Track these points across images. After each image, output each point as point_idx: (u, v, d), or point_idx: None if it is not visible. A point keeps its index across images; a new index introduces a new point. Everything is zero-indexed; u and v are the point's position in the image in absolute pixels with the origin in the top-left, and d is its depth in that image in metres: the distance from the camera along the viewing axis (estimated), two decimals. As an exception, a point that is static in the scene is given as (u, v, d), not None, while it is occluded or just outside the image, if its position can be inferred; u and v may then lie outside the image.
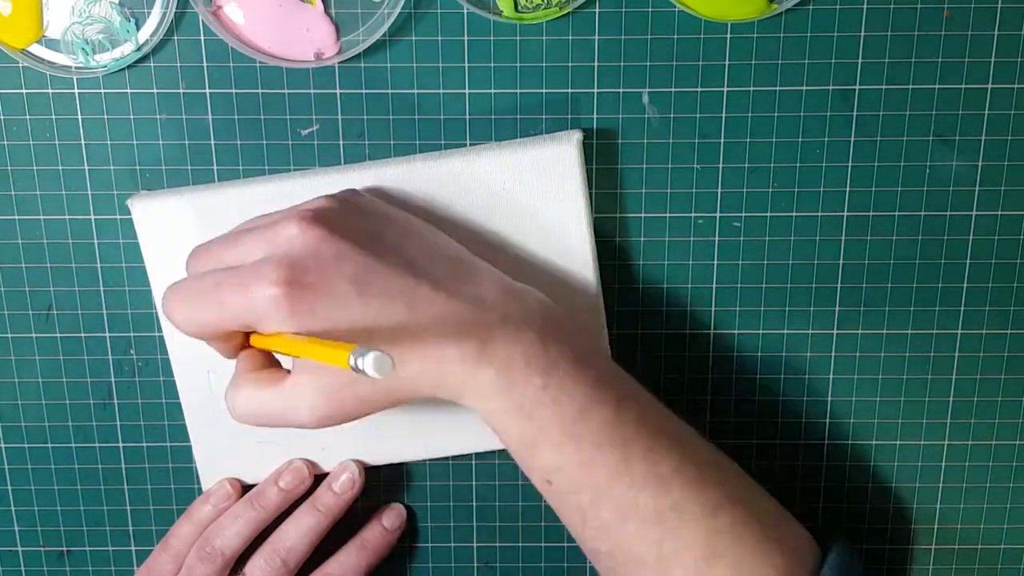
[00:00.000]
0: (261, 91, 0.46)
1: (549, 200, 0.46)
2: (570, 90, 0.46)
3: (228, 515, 0.48)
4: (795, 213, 0.48)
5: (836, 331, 0.49)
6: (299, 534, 0.48)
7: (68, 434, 0.50)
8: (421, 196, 0.46)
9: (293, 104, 0.47)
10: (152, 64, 0.46)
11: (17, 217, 0.48)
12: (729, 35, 0.46)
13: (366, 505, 0.51)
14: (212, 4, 0.45)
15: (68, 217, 0.48)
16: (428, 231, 0.43)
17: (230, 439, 0.49)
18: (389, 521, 0.51)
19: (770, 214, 0.48)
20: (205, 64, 0.46)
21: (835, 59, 0.46)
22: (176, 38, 0.46)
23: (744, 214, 0.48)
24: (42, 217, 0.48)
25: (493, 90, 0.46)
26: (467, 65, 0.46)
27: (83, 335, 0.49)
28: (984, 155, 0.47)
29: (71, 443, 0.51)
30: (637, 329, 0.49)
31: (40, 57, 0.46)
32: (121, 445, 0.51)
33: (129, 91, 0.46)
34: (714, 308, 0.49)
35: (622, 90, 0.46)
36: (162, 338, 0.48)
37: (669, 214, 0.48)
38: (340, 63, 0.46)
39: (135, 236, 0.47)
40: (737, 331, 0.49)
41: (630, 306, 0.49)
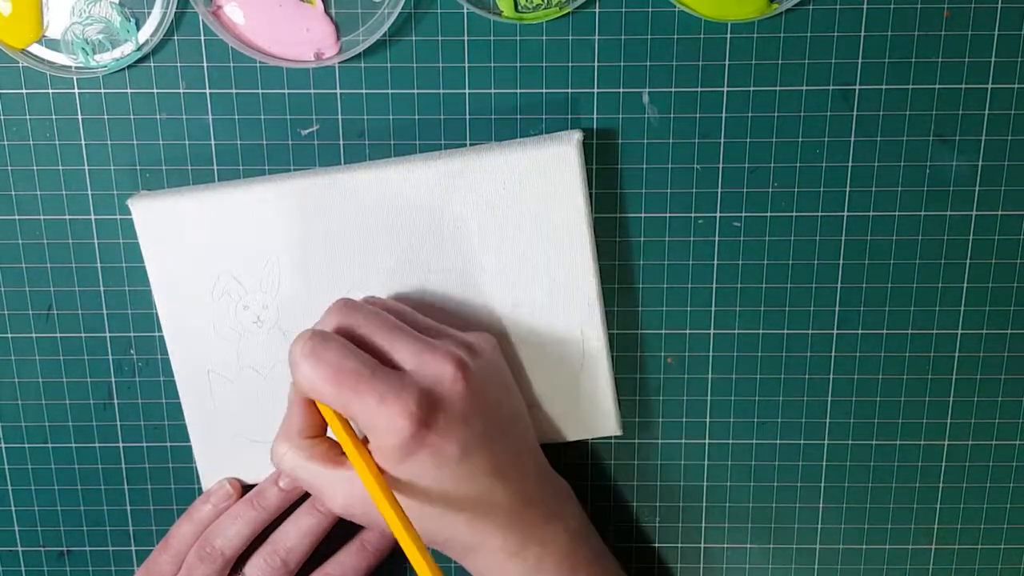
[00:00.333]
0: (261, 91, 0.46)
1: (549, 200, 0.46)
2: (570, 90, 0.46)
3: (228, 515, 0.48)
4: (795, 213, 0.48)
5: (836, 331, 0.49)
6: (299, 534, 0.48)
7: (68, 434, 0.50)
8: (422, 196, 0.46)
9: (293, 104, 0.47)
10: (152, 64, 0.46)
11: (17, 217, 0.48)
12: (729, 35, 0.46)
13: None
14: (212, 4, 0.45)
15: (68, 217, 0.48)
16: (523, 415, 0.45)
17: (230, 439, 0.49)
18: None
19: (770, 214, 0.48)
20: (205, 64, 0.46)
21: (835, 59, 0.46)
22: (176, 38, 0.46)
23: (744, 214, 0.48)
24: (42, 217, 0.48)
25: (493, 90, 0.46)
26: (467, 65, 0.46)
27: (83, 335, 0.49)
28: (984, 155, 0.47)
29: (71, 443, 0.51)
30: (637, 329, 0.49)
31: (40, 57, 0.46)
32: (121, 445, 0.51)
33: (129, 91, 0.46)
34: (714, 308, 0.49)
35: (622, 90, 0.46)
36: (162, 338, 0.48)
37: (669, 214, 0.48)
38: (340, 63, 0.46)
39: (135, 236, 0.47)
40: (737, 331, 0.49)
41: (630, 306, 0.49)
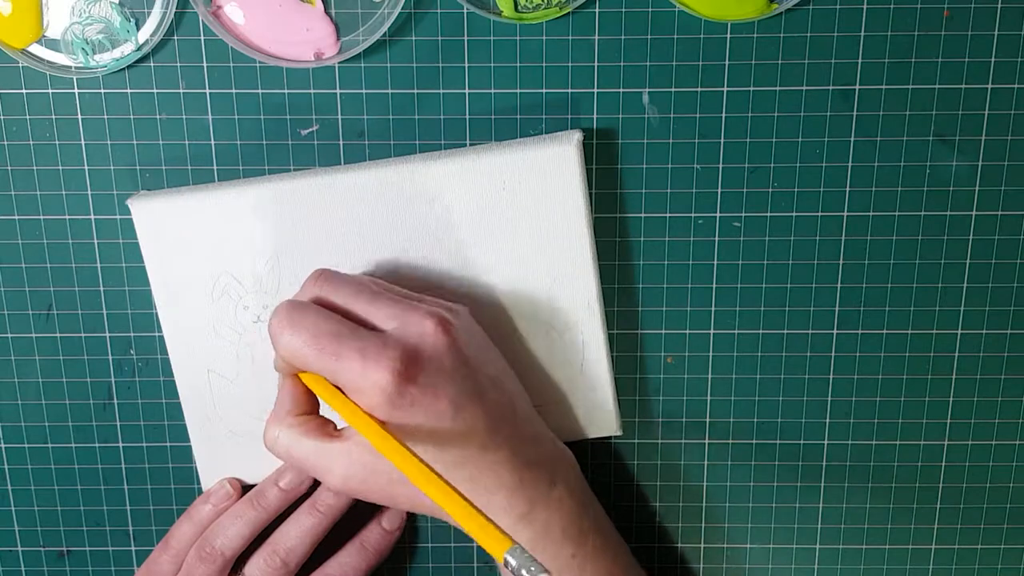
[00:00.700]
0: (261, 91, 0.46)
1: (549, 200, 0.46)
2: (570, 90, 0.46)
3: (228, 515, 0.48)
4: (795, 213, 0.48)
5: (836, 331, 0.49)
6: (299, 535, 0.48)
7: (68, 434, 0.50)
8: (421, 196, 0.46)
9: (293, 104, 0.47)
10: (152, 64, 0.46)
11: (17, 217, 0.48)
12: (729, 35, 0.46)
13: (366, 506, 0.51)
14: (212, 4, 0.45)
15: (68, 217, 0.48)
16: (510, 377, 0.45)
17: (230, 439, 0.49)
18: (389, 522, 0.51)
19: (770, 214, 0.48)
20: (205, 64, 0.46)
21: (835, 59, 0.46)
22: (176, 38, 0.46)
23: (744, 214, 0.48)
24: (42, 217, 0.48)
25: (493, 90, 0.46)
26: (467, 65, 0.46)
27: (83, 335, 0.49)
28: (984, 155, 0.47)
29: (71, 443, 0.51)
30: (637, 329, 0.49)
31: (40, 57, 0.46)
32: (121, 445, 0.51)
33: (129, 91, 0.46)
34: (714, 308, 0.49)
35: (622, 90, 0.46)
36: (162, 338, 0.48)
37: (669, 214, 0.48)
38: (340, 63, 0.46)
39: (135, 236, 0.47)
40: (737, 331, 0.49)
41: (630, 306, 0.49)
